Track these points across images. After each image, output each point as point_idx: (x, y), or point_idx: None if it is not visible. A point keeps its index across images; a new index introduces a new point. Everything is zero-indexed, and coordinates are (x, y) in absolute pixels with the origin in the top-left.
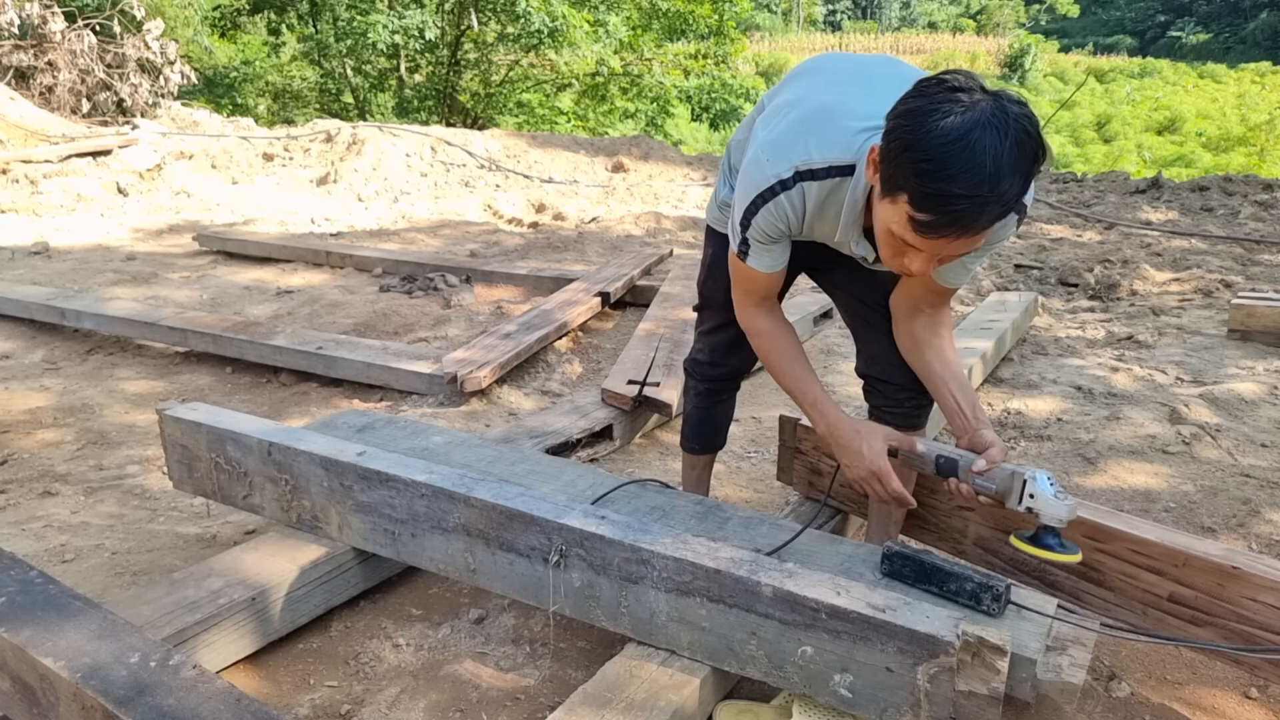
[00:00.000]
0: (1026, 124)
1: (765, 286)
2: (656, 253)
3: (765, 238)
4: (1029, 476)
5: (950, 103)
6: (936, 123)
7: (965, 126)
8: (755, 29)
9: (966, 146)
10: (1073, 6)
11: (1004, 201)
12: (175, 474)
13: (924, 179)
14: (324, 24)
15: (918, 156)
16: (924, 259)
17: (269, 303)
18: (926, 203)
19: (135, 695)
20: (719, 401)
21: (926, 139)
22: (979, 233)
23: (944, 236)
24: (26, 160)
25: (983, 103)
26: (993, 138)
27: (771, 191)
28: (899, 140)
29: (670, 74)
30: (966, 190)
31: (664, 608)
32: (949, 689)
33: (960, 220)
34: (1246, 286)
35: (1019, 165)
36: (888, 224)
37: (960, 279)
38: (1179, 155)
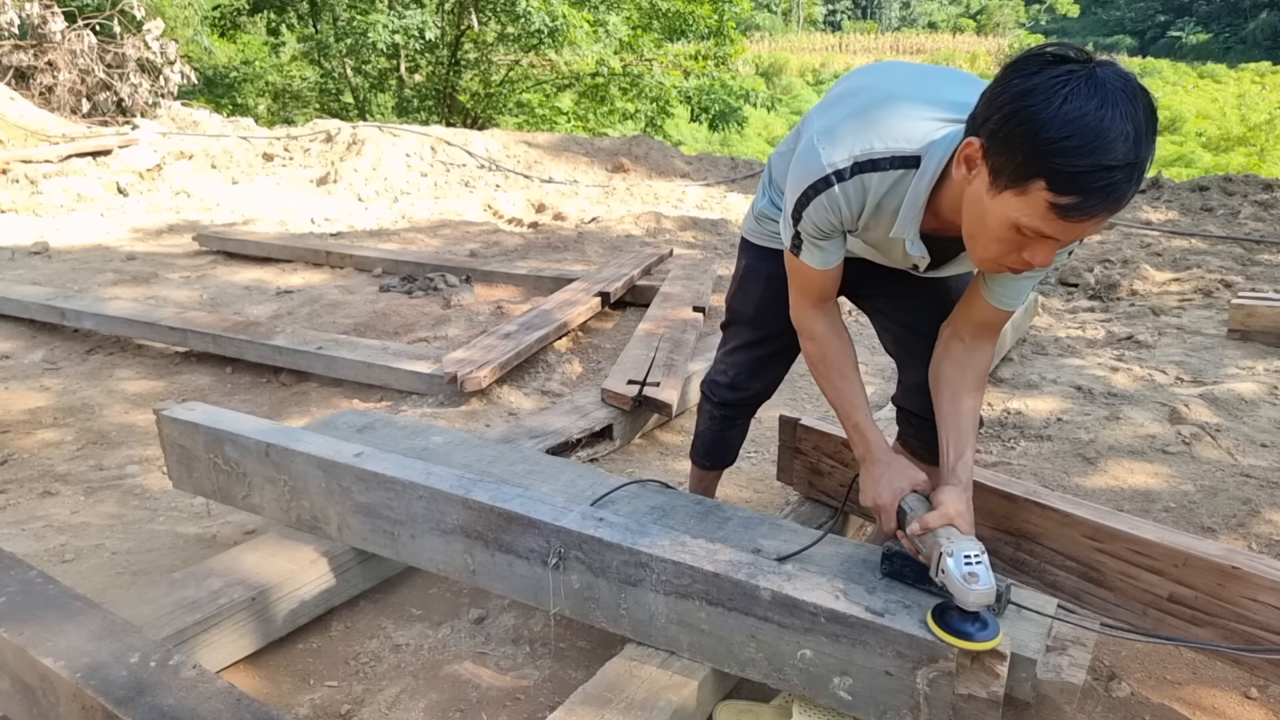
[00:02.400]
0: (1140, 84)
1: (820, 285)
2: (656, 253)
3: (817, 232)
4: (944, 552)
5: (1068, 75)
6: (1063, 97)
7: (1100, 98)
8: (755, 29)
9: (1104, 118)
10: (1073, 6)
11: (1144, 168)
12: (175, 474)
13: (1070, 158)
14: (324, 24)
15: (1056, 135)
16: (1050, 247)
17: (269, 303)
18: (1074, 183)
19: (135, 695)
20: (734, 425)
21: (1060, 116)
22: (1124, 205)
23: (1091, 217)
24: (26, 160)
25: (1099, 72)
26: (1127, 104)
27: (825, 182)
28: (1022, 124)
29: (670, 74)
30: (1114, 161)
31: (663, 610)
32: (948, 692)
33: (1110, 195)
34: (1246, 286)
35: (1151, 127)
36: (1013, 218)
37: (1017, 299)
38: (1179, 155)
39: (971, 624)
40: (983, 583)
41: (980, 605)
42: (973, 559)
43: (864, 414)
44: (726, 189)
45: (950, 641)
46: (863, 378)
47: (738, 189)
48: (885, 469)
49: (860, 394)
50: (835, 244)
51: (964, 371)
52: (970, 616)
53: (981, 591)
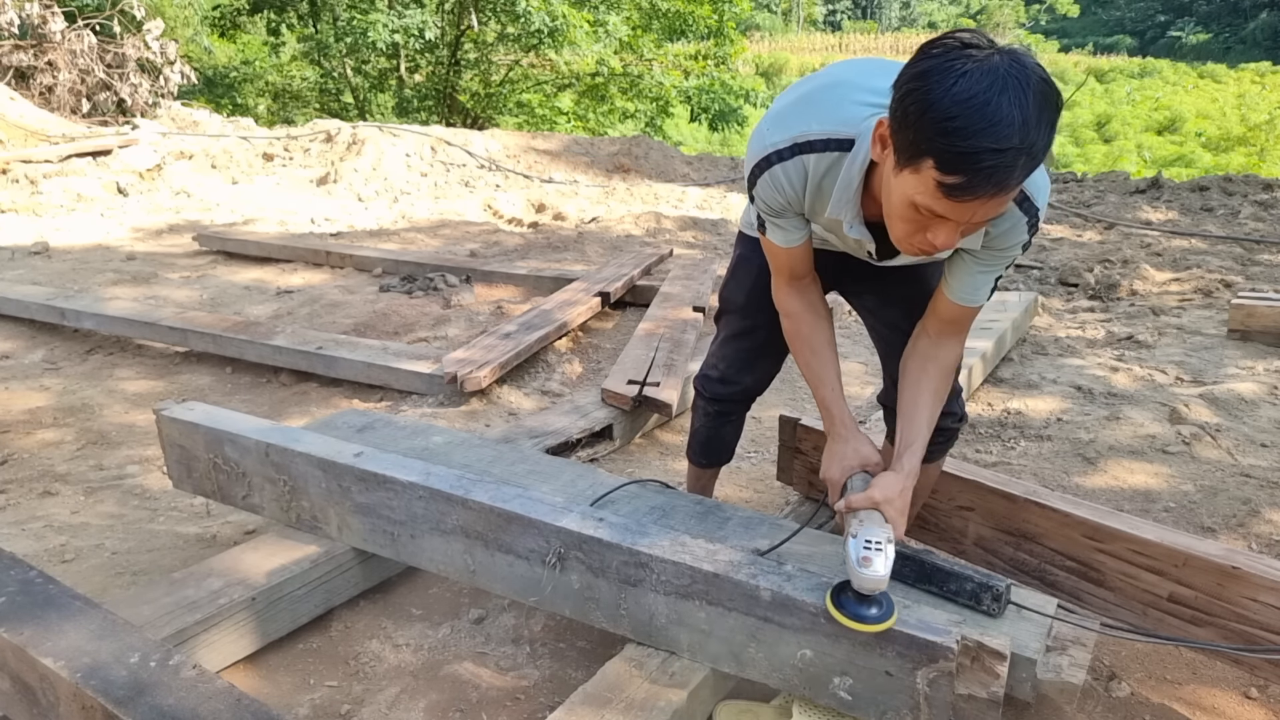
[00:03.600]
0: (1044, 74)
1: (789, 263)
2: (656, 253)
3: (770, 210)
4: (851, 533)
5: (965, 59)
6: (956, 80)
7: (987, 80)
8: (755, 29)
9: (991, 100)
10: (1073, 6)
11: (1034, 154)
12: (175, 474)
13: (953, 138)
14: (324, 24)
15: (941, 115)
16: (950, 229)
17: (269, 303)
18: (957, 163)
19: (135, 695)
20: (728, 421)
21: (948, 97)
22: (1011, 190)
23: (977, 197)
24: (26, 160)
25: (996, 57)
26: (1016, 89)
27: (767, 162)
28: (917, 103)
29: (670, 74)
30: (998, 144)
31: (663, 610)
32: (948, 693)
33: (994, 176)
34: (1246, 286)
35: (1044, 115)
36: (909, 196)
37: (975, 295)
38: (1179, 155)
39: (865, 606)
40: (874, 569)
41: (868, 589)
42: (873, 545)
43: (830, 389)
44: (726, 189)
45: (840, 619)
46: (866, 378)
47: (738, 189)
48: (843, 445)
49: (831, 371)
50: (792, 223)
51: (925, 366)
52: (864, 599)
53: (869, 577)
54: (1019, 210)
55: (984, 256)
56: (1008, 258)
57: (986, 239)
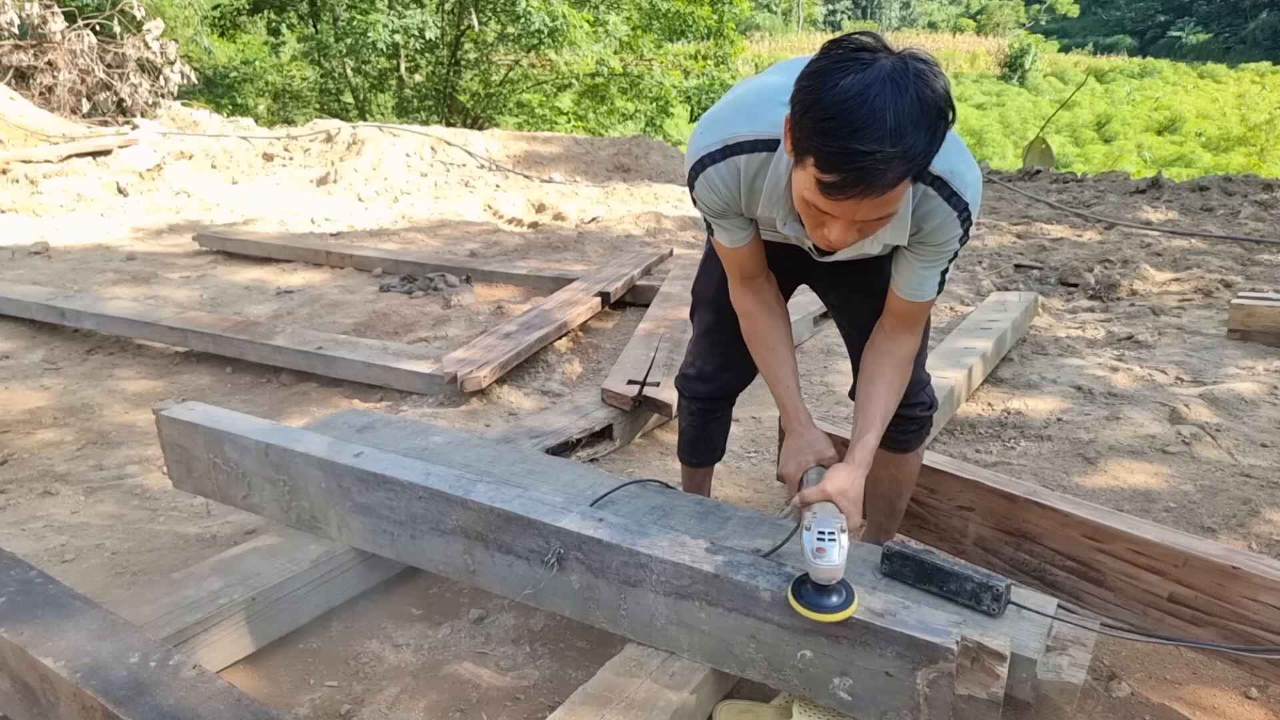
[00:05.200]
0: (930, 79)
1: (738, 263)
2: (656, 253)
3: (710, 210)
4: (804, 525)
5: (852, 61)
6: (837, 81)
7: (865, 83)
8: (755, 29)
9: (866, 102)
10: (1073, 6)
11: (910, 157)
12: (175, 474)
13: (826, 138)
14: (324, 24)
15: (819, 116)
16: (840, 226)
17: (269, 303)
18: (831, 162)
19: (135, 695)
20: (713, 419)
21: (827, 98)
22: (886, 191)
23: (850, 197)
24: (26, 160)
25: (884, 60)
26: (892, 93)
27: (701, 165)
28: (802, 102)
29: (670, 75)
30: (868, 146)
31: (663, 610)
32: (948, 693)
33: (865, 178)
34: (1246, 286)
35: (922, 121)
36: (802, 191)
37: (920, 291)
38: (1179, 155)
39: (825, 596)
40: (828, 559)
41: (824, 579)
42: (826, 536)
43: (785, 386)
44: None
45: (799, 610)
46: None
47: None
48: (798, 440)
49: (786, 367)
50: (734, 223)
51: (880, 359)
52: (821, 589)
53: (823, 567)
54: (948, 206)
55: (922, 253)
56: (945, 253)
57: (920, 235)
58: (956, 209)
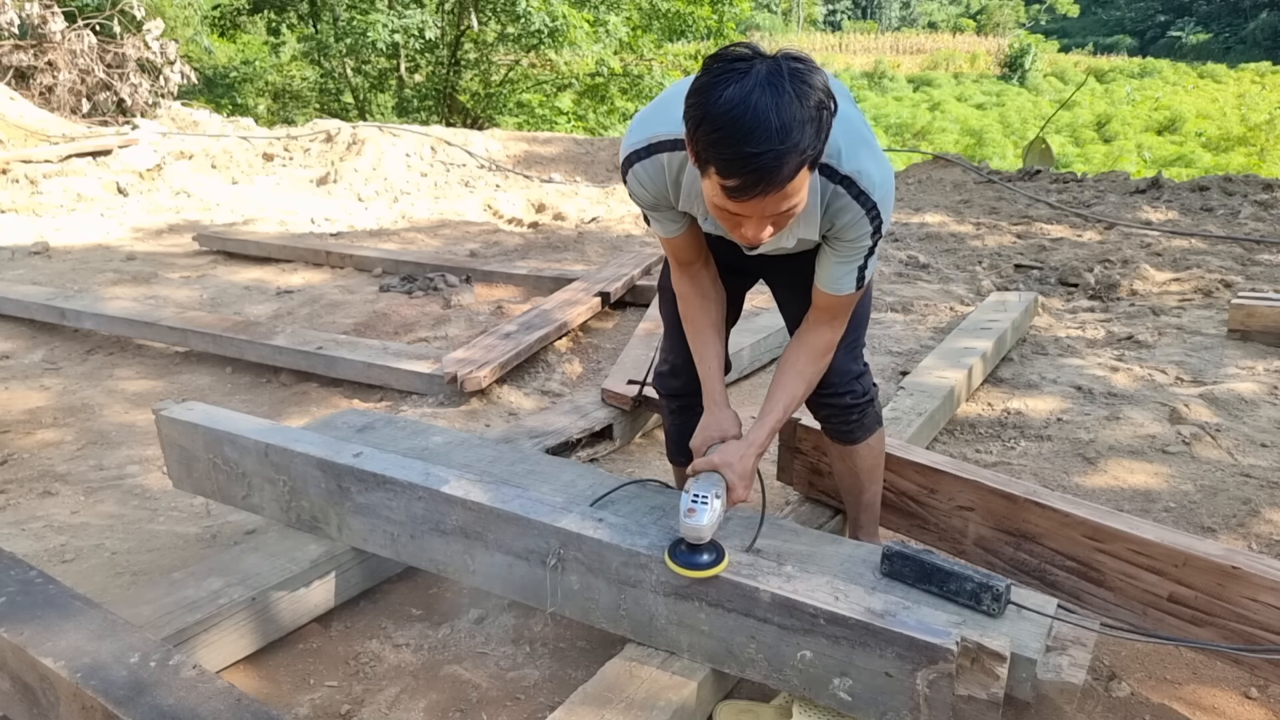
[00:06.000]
0: (805, 75)
1: (675, 250)
2: (656, 253)
3: (643, 204)
4: (685, 488)
5: (730, 72)
6: (720, 93)
7: (746, 90)
8: (755, 29)
9: (749, 108)
10: (1073, 6)
11: (800, 149)
12: (175, 474)
13: (720, 147)
14: (324, 24)
15: (710, 128)
16: (755, 223)
17: (269, 303)
18: (729, 168)
19: (135, 695)
20: (694, 414)
21: (714, 110)
22: (785, 184)
23: (754, 196)
24: (26, 160)
25: (758, 66)
26: (772, 94)
27: (629, 162)
28: (693, 119)
29: (670, 75)
30: (759, 148)
31: (663, 611)
32: (948, 694)
33: (763, 177)
34: (1246, 286)
35: (803, 113)
36: (711, 198)
37: (839, 285)
38: (1179, 155)
39: (695, 555)
40: (696, 519)
41: (692, 539)
42: (699, 499)
43: (708, 367)
44: None
45: (670, 567)
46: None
47: None
48: (710, 418)
49: (710, 349)
50: (666, 215)
51: (797, 348)
52: (699, 549)
53: (691, 525)
54: (857, 205)
55: (839, 249)
56: (859, 249)
57: (834, 231)
58: (865, 207)
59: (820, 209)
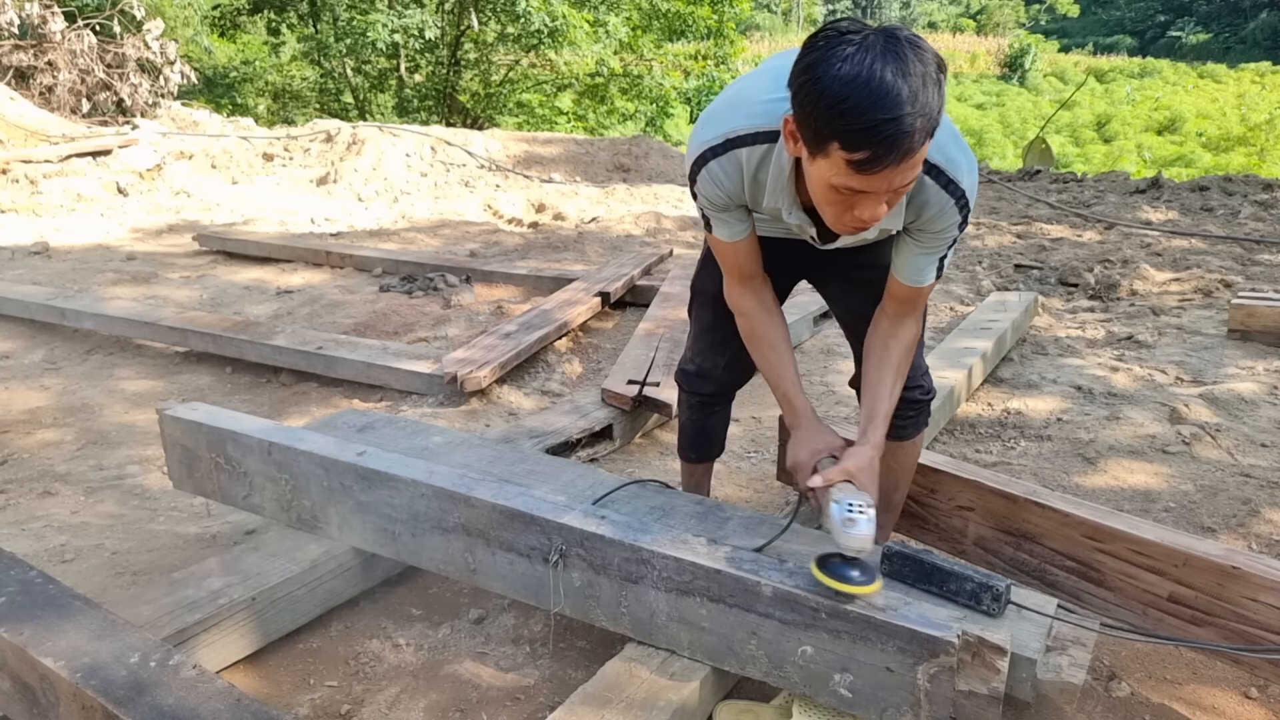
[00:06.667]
0: (918, 41)
1: (737, 260)
2: (656, 253)
3: (711, 205)
4: (833, 499)
5: (843, 45)
6: (838, 66)
7: (867, 60)
8: (755, 29)
9: (874, 75)
10: (1073, 6)
11: (928, 115)
12: (175, 474)
13: (847, 118)
14: (324, 24)
15: (833, 100)
16: (873, 201)
17: (269, 303)
18: (858, 140)
19: (135, 695)
20: (713, 413)
21: (836, 82)
22: (915, 153)
23: (886, 167)
24: (26, 160)
25: (871, 37)
26: (894, 60)
27: (703, 159)
28: (810, 95)
29: (670, 75)
30: (890, 113)
31: (664, 607)
32: (949, 689)
33: (896, 144)
34: (1246, 286)
35: (927, 78)
36: (827, 180)
37: (920, 277)
38: (1179, 155)
39: (850, 569)
40: (859, 529)
41: (854, 550)
42: (854, 508)
43: (791, 384)
44: None
45: (827, 583)
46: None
47: None
48: (808, 433)
49: (788, 365)
50: (735, 216)
51: (887, 343)
52: (850, 563)
53: (856, 536)
54: (945, 193)
55: (922, 240)
56: (945, 239)
57: (920, 222)
58: (954, 196)
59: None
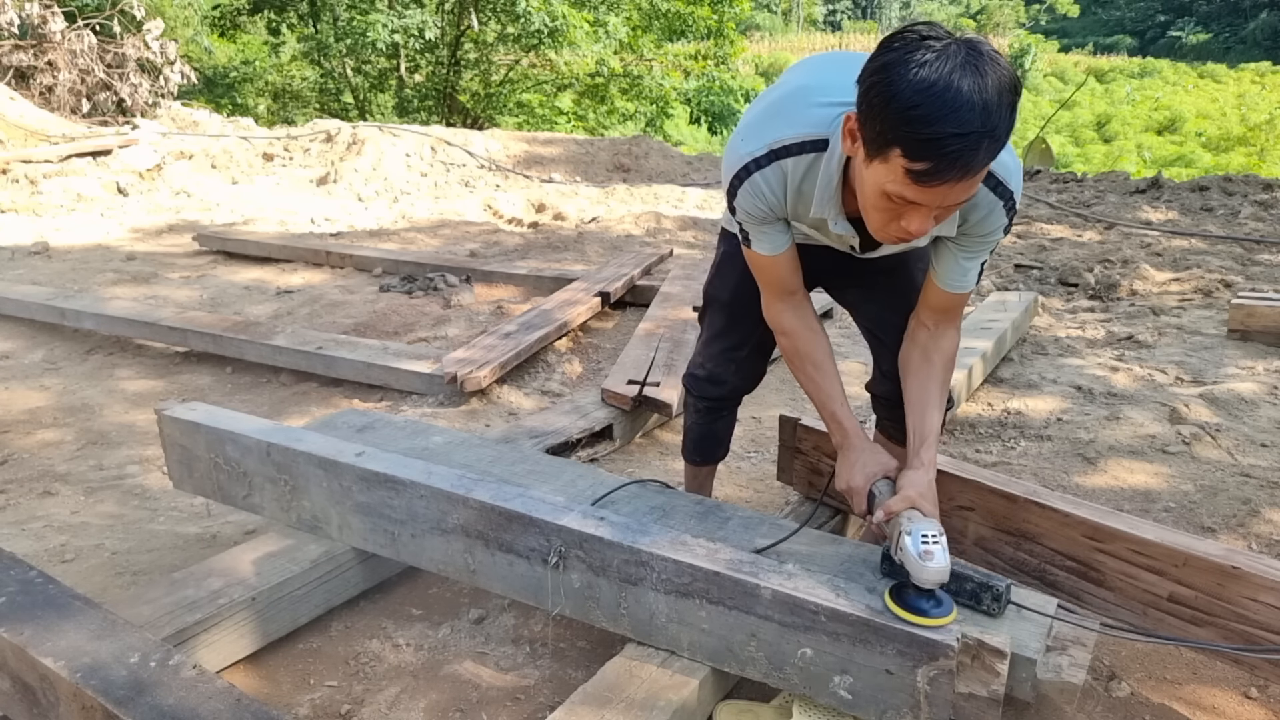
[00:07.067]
0: (1000, 59)
1: (778, 276)
2: (656, 252)
3: (752, 219)
4: (903, 530)
5: (923, 50)
6: (915, 70)
7: (946, 69)
8: (755, 29)
9: (950, 87)
10: (1073, 6)
11: (996, 135)
12: (175, 474)
13: (915, 126)
14: (324, 24)
15: (904, 105)
16: (923, 214)
17: (269, 303)
18: (923, 149)
19: (135, 695)
20: (720, 417)
21: (910, 88)
22: (978, 172)
23: (945, 182)
24: (26, 160)
25: (953, 46)
26: (973, 75)
27: (746, 171)
28: (880, 95)
29: (670, 75)
30: (960, 129)
31: (663, 609)
32: (949, 691)
33: (959, 160)
34: (1246, 286)
35: (1003, 98)
36: (881, 185)
37: (963, 282)
38: (1179, 155)
39: (927, 602)
40: (937, 561)
41: (934, 582)
42: (929, 539)
43: (840, 404)
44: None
45: (906, 618)
46: (866, 376)
47: None
48: (860, 454)
49: (835, 384)
50: (776, 229)
51: (929, 357)
52: (926, 595)
53: (935, 569)
54: (994, 195)
55: (966, 244)
56: (989, 243)
57: (966, 226)
58: (1003, 198)
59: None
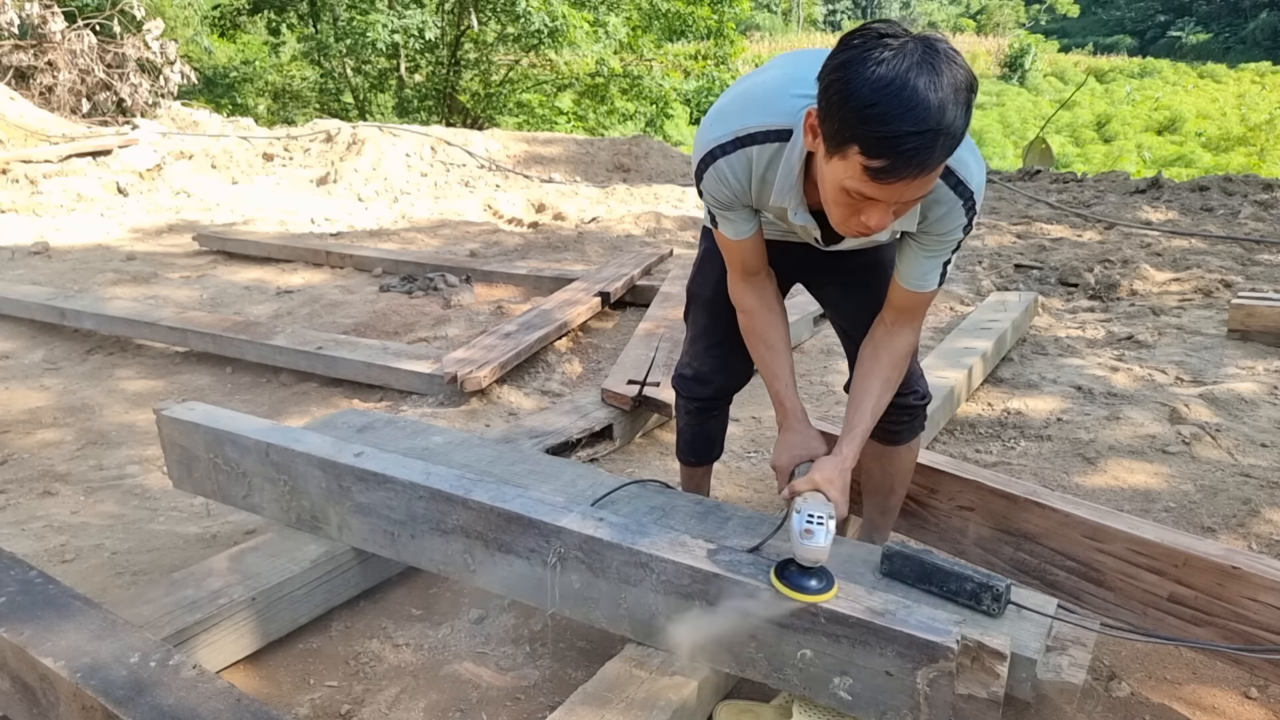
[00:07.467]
0: (956, 57)
1: (741, 257)
2: (656, 253)
3: (717, 203)
4: (795, 510)
5: (880, 48)
6: (872, 69)
7: (902, 67)
8: (755, 29)
9: (906, 85)
10: (1073, 6)
11: (952, 133)
12: (175, 474)
13: (872, 124)
14: (324, 24)
15: (861, 104)
16: (882, 209)
17: (269, 303)
18: (879, 148)
19: (135, 695)
20: (711, 417)
21: (866, 86)
22: (934, 169)
23: (902, 178)
24: (26, 160)
25: (910, 44)
26: (929, 73)
27: (712, 156)
28: (838, 93)
29: (670, 75)
30: (916, 127)
31: (663, 610)
32: (948, 692)
33: (915, 158)
34: (1246, 286)
35: (959, 95)
36: (840, 181)
37: (924, 282)
38: (1179, 155)
39: (806, 578)
40: (815, 540)
41: (811, 560)
42: (814, 519)
43: (785, 384)
44: None
45: (786, 593)
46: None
47: None
48: (793, 435)
49: (785, 365)
50: (740, 215)
51: (877, 353)
52: (808, 572)
53: (814, 548)
54: (954, 194)
55: (927, 242)
56: (949, 242)
57: (926, 224)
58: (962, 197)
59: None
